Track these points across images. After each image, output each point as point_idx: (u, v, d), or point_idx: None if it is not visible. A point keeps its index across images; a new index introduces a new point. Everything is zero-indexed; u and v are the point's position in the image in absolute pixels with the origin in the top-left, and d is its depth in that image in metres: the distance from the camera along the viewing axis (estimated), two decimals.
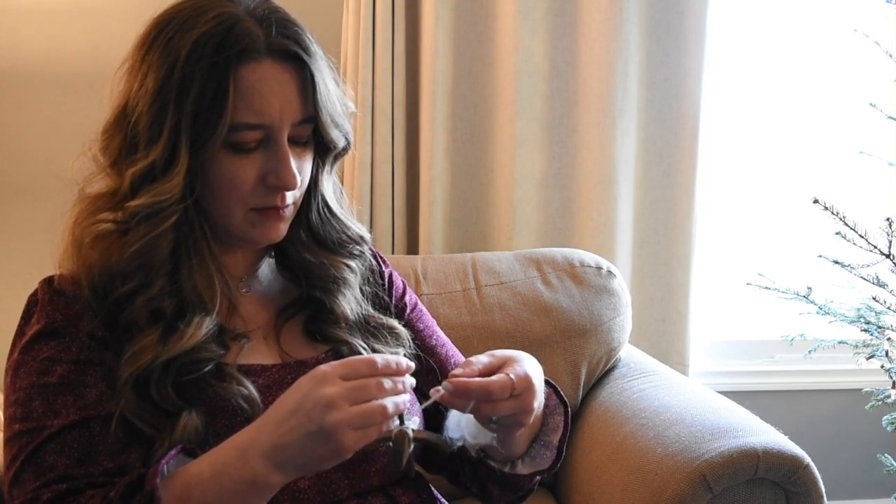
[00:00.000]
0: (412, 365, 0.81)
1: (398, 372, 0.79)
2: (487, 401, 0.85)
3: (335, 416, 0.74)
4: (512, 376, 0.86)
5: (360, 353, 1.00)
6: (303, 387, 0.77)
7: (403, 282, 1.19)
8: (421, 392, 1.09)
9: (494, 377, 0.86)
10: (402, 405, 0.78)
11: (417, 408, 1.03)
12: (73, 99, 1.81)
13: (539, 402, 0.91)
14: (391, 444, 0.79)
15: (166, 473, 0.80)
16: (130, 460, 0.85)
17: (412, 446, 0.80)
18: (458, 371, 0.86)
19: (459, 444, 0.94)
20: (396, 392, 0.78)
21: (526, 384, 0.87)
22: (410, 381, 0.80)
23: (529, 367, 0.89)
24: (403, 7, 1.86)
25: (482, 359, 0.89)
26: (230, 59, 0.86)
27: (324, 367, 0.78)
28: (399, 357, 0.80)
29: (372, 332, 1.05)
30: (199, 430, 0.86)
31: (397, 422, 0.80)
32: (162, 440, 0.85)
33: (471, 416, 0.90)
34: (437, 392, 0.85)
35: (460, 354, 1.19)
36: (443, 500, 1.08)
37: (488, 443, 0.93)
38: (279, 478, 0.78)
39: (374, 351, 1.02)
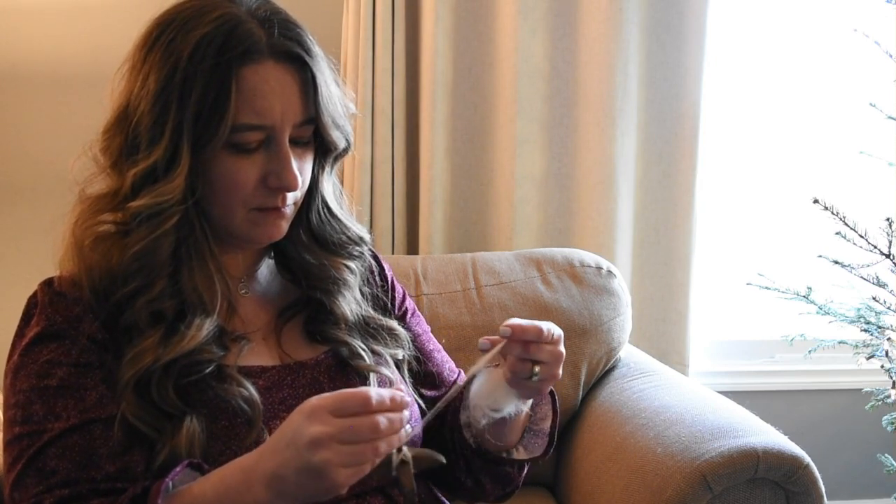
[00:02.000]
0: (408, 400, 0.78)
1: (393, 408, 0.75)
2: (537, 342, 0.91)
3: (323, 455, 0.72)
4: (549, 325, 0.93)
5: (359, 354, 1.01)
6: (294, 420, 0.76)
7: (402, 286, 1.19)
8: (419, 394, 1.10)
9: (539, 321, 0.92)
10: (397, 442, 0.76)
11: (418, 416, 1.05)
12: (73, 99, 1.81)
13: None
14: (394, 476, 0.78)
15: (171, 489, 0.80)
16: (133, 463, 0.85)
17: (414, 482, 0.79)
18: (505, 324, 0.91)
19: (484, 421, 0.98)
20: (392, 431, 0.75)
21: (559, 332, 0.94)
22: (406, 415, 0.77)
23: None
24: (403, 7, 1.85)
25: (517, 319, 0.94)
26: (232, 60, 0.86)
27: (314, 401, 0.75)
28: (394, 391, 0.77)
29: (371, 333, 1.05)
30: (202, 436, 0.85)
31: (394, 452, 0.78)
32: (163, 443, 0.85)
33: (500, 383, 0.95)
34: (487, 341, 0.91)
35: (452, 362, 1.20)
36: (444, 499, 1.08)
37: (515, 411, 0.98)
38: None
39: (373, 352, 1.03)
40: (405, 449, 0.79)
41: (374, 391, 0.75)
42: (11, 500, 0.84)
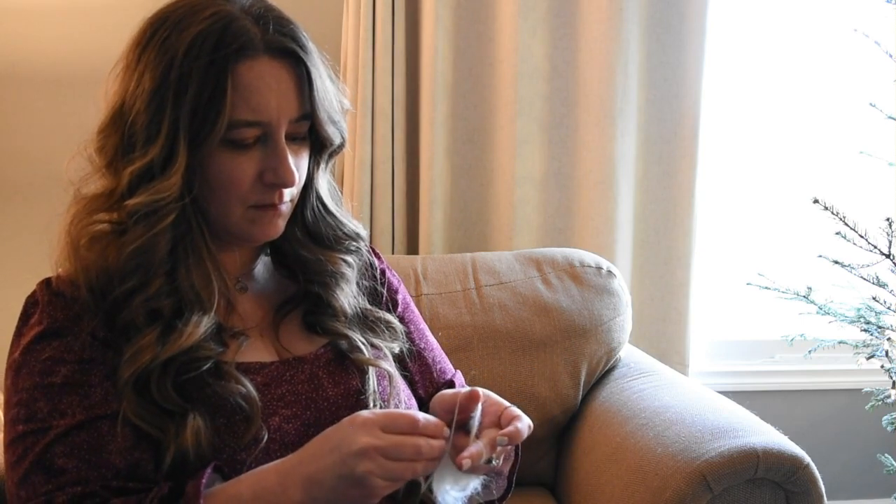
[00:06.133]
0: (448, 433, 0.82)
1: (434, 435, 0.80)
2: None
3: (367, 465, 0.76)
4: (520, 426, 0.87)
5: (358, 348, 1.01)
6: (343, 428, 0.79)
7: (399, 280, 1.19)
8: (413, 389, 1.10)
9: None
10: (431, 466, 0.80)
11: (414, 405, 1.05)
12: (72, 99, 1.81)
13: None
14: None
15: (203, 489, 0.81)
16: (142, 461, 0.85)
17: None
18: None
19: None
20: (431, 456, 0.79)
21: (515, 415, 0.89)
22: (441, 443, 0.81)
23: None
24: (403, 7, 1.86)
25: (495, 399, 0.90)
26: (228, 56, 0.86)
27: (366, 414, 0.79)
28: (438, 421, 0.81)
29: (370, 326, 1.05)
30: (207, 432, 0.86)
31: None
32: (167, 443, 0.85)
33: (453, 468, 0.87)
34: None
35: (446, 361, 1.19)
36: None
37: (478, 486, 0.90)
38: None
39: (372, 345, 1.03)
40: (424, 484, 0.83)
41: (422, 415, 0.80)
42: (18, 498, 0.83)
